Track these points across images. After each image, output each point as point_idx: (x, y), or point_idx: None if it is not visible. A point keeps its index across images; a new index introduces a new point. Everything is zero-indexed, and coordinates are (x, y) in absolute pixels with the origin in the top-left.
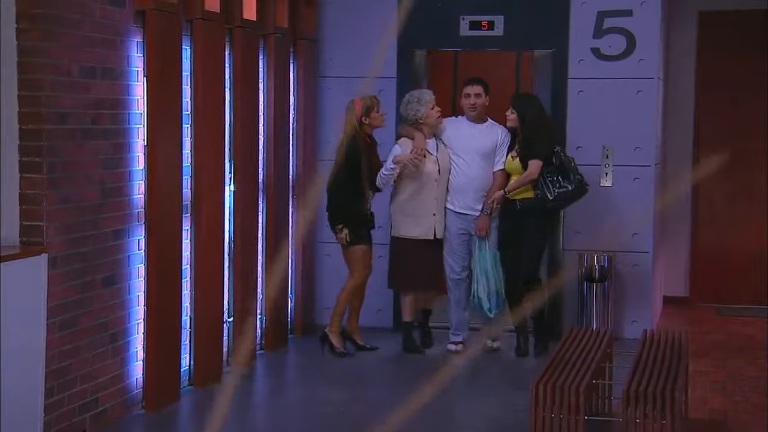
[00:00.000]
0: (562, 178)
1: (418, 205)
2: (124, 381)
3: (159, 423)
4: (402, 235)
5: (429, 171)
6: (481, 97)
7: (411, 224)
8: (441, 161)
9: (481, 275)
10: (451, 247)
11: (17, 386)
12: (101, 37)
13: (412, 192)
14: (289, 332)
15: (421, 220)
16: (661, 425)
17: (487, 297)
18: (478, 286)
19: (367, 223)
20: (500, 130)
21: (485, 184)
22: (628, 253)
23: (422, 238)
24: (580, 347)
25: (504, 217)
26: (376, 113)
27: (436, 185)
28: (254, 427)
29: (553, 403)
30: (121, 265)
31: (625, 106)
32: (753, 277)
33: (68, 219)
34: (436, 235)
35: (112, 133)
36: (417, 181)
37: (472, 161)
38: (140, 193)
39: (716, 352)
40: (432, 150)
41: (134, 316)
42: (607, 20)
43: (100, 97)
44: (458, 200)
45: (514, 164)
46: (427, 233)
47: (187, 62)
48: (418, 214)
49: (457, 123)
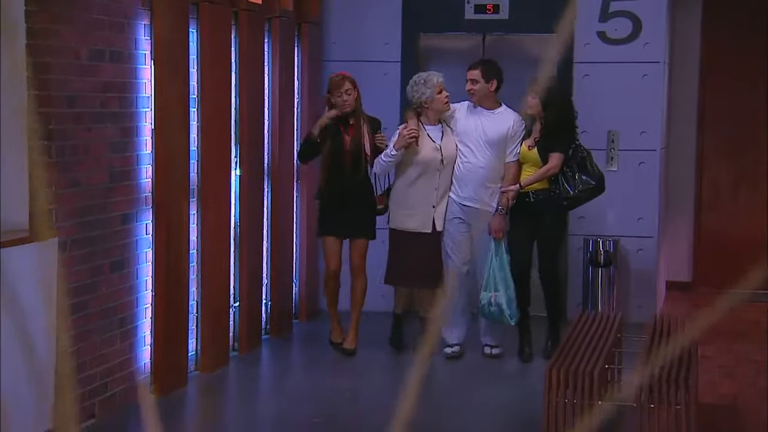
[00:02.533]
0: (582, 173)
1: (417, 195)
2: (132, 365)
3: (167, 407)
4: (398, 227)
5: (430, 159)
6: (477, 82)
7: (407, 216)
8: (445, 149)
9: (500, 282)
10: (451, 239)
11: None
12: (109, 20)
13: (410, 181)
14: (294, 318)
15: (419, 211)
16: (676, 410)
17: (508, 304)
18: (498, 294)
19: (339, 211)
20: (513, 117)
21: (491, 174)
22: (632, 237)
23: (419, 231)
24: (591, 332)
25: (515, 211)
26: (337, 96)
27: (438, 175)
28: (259, 411)
29: (567, 388)
30: (130, 249)
31: (630, 90)
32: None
33: (78, 203)
34: (436, 228)
35: (120, 117)
36: (416, 170)
37: (477, 149)
38: (148, 177)
39: (722, 336)
40: (436, 137)
41: (142, 301)
42: (612, 4)
43: (108, 80)
44: (461, 190)
45: (530, 154)
46: (423, 226)
47: (194, 45)
48: (415, 205)
49: (466, 109)
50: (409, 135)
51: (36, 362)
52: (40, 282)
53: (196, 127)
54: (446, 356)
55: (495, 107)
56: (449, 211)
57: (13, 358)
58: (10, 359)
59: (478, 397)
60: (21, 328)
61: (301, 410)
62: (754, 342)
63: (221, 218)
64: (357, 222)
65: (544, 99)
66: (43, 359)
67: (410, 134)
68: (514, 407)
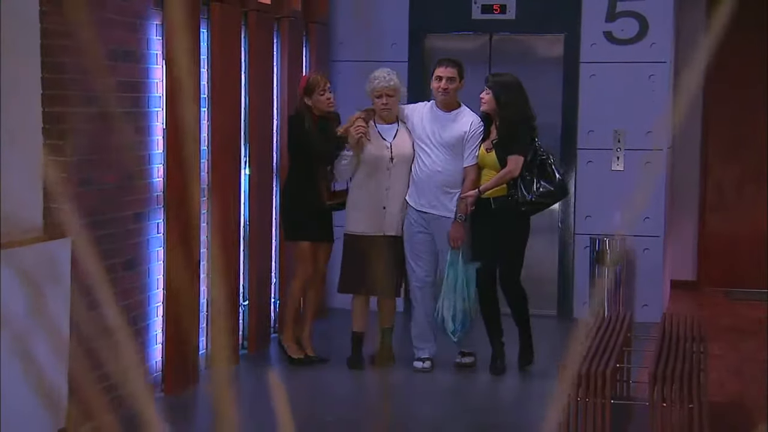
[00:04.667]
0: (541, 177)
1: (367, 196)
2: (144, 364)
3: (178, 405)
4: (349, 230)
5: (378, 157)
6: (454, 81)
7: (358, 218)
8: (396, 147)
9: (449, 292)
10: (412, 249)
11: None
12: (122, 20)
13: (360, 181)
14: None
15: (369, 213)
16: (689, 409)
17: (452, 317)
18: (443, 304)
19: (319, 216)
20: (472, 119)
21: (450, 179)
22: (639, 237)
23: (371, 235)
24: (601, 332)
25: (476, 219)
26: (319, 95)
27: (388, 175)
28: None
29: (579, 387)
30: (142, 248)
31: (637, 90)
32: (761, 261)
33: (91, 202)
34: (386, 232)
35: (132, 117)
36: (364, 169)
37: (435, 152)
38: (159, 176)
39: (729, 335)
40: (388, 136)
41: (154, 299)
42: (619, 4)
43: (121, 80)
44: (419, 197)
45: (489, 158)
46: (374, 229)
47: (205, 45)
48: (365, 207)
49: (421, 109)
50: (356, 131)
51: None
52: (54, 281)
53: (207, 126)
54: (415, 370)
55: (455, 107)
56: (410, 222)
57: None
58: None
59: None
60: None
61: (312, 408)
62: (760, 341)
63: (231, 217)
64: (325, 225)
65: (498, 95)
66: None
67: (356, 130)
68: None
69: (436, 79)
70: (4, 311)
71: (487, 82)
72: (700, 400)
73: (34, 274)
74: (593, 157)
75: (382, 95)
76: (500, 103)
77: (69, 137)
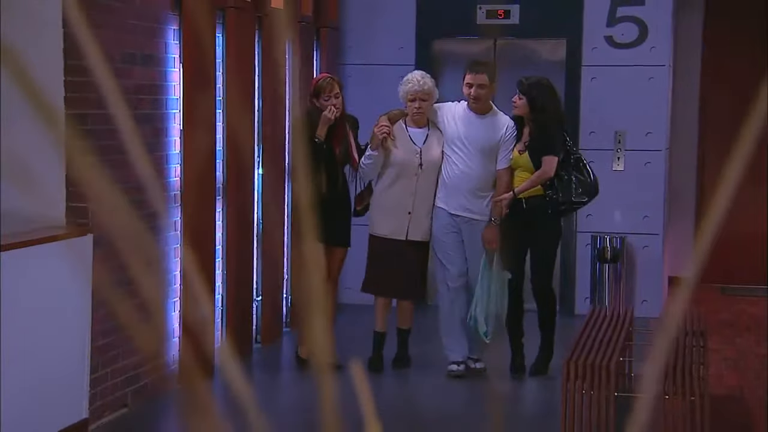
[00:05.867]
0: (578, 175)
1: (392, 199)
2: (162, 357)
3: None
4: (374, 232)
5: (407, 162)
6: (485, 87)
7: (382, 221)
8: (425, 153)
9: (483, 294)
10: (444, 249)
11: (65, 361)
12: (141, 25)
13: (387, 184)
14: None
15: (394, 216)
16: (690, 401)
17: (485, 320)
18: (476, 307)
19: (329, 218)
20: (506, 122)
21: (483, 183)
22: (639, 235)
23: (394, 238)
24: (604, 327)
25: (508, 222)
26: (324, 100)
27: (416, 180)
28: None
29: (584, 380)
30: (159, 245)
31: (637, 93)
32: (756, 257)
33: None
34: (409, 236)
35: (151, 118)
36: (392, 172)
37: (469, 156)
38: (176, 176)
39: (725, 330)
40: (419, 140)
41: (171, 294)
42: (620, 9)
43: (140, 82)
44: (451, 199)
45: (522, 159)
46: (397, 233)
47: (220, 49)
48: (390, 210)
49: (454, 109)
50: (380, 132)
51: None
52: (76, 276)
53: (222, 128)
54: (449, 374)
55: (488, 111)
56: (441, 225)
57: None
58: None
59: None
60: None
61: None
62: (757, 335)
63: (245, 216)
64: (337, 229)
65: (533, 99)
66: (78, 349)
67: (380, 131)
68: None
69: (466, 86)
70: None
71: (519, 86)
72: (701, 392)
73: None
74: (595, 158)
75: (416, 99)
76: (535, 107)
77: (90, 138)
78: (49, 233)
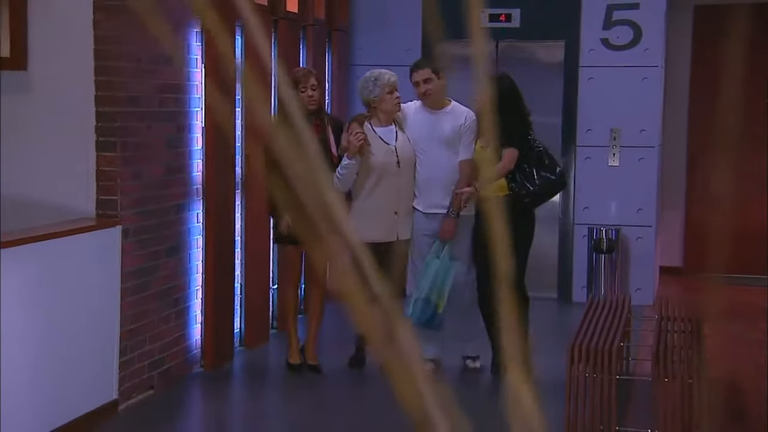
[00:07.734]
0: (541, 168)
1: (377, 203)
2: (185, 342)
3: (217, 379)
4: (362, 239)
5: (385, 162)
6: (431, 81)
7: (371, 226)
8: (400, 150)
9: (425, 279)
10: (420, 253)
11: (96, 345)
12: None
13: (369, 189)
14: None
15: (382, 220)
16: (689, 384)
17: (414, 302)
18: (414, 291)
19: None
20: (465, 113)
21: (454, 177)
22: (633, 227)
23: (386, 242)
24: (604, 314)
25: (479, 219)
26: (300, 91)
27: (396, 179)
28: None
29: (587, 363)
30: (183, 236)
31: (631, 92)
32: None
33: (138, 194)
34: (399, 237)
35: (175, 116)
36: (373, 176)
37: (433, 152)
38: (198, 170)
39: (722, 317)
40: (390, 139)
41: (194, 282)
42: (615, 13)
43: (164, 82)
44: (424, 198)
45: (485, 154)
46: (389, 236)
47: (239, 50)
48: (377, 215)
49: (412, 109)
50: (357, 139)
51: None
52: (105, 265)
53: (241, 125)
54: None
55: (445, 105)
56: (417, 227)
57: (82, 333)
58: (74, 332)
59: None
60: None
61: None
62: (748, 322)
63: (263, 209)
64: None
65: (491, 93)
66: (108, 334)
67: (357, 138)
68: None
69: (414, 86)
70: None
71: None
72: (699, 375)
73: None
74: (591, 154)
75: (395, 90)
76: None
77: (119, 134)
78: (81, 224)
